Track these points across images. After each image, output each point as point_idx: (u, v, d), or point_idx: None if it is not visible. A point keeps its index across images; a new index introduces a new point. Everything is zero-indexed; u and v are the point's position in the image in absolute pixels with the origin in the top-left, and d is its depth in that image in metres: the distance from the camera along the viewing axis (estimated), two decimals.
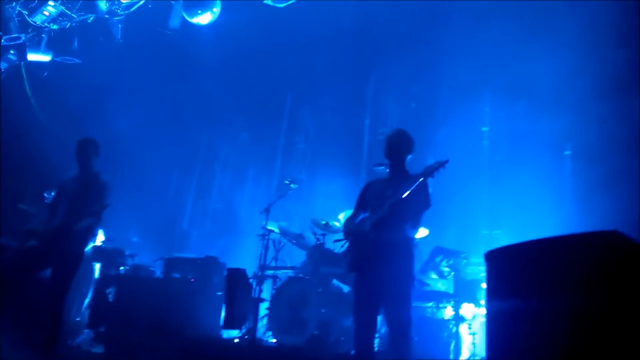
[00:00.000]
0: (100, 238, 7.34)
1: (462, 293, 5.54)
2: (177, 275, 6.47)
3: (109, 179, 4.96)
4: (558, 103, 7.09)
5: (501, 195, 7.16)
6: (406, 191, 3.76)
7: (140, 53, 8.25)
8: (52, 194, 6.14)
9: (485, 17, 7.39)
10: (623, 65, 6.49)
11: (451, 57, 7.63)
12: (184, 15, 6.74)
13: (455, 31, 7.63)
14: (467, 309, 5.50)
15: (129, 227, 8.39)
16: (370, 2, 7.44)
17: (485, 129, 8.36)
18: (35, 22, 7.59)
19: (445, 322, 5.44)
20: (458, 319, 5.39)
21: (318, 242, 6.29)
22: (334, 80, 9.16)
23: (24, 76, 8.46)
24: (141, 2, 7.22)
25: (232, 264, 6.48)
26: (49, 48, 7.93)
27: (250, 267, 6.64)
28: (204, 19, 6.67)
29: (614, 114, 6.58)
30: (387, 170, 4.30)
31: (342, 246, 5.96)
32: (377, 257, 3.84)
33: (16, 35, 7.67)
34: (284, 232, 6.77)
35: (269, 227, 6.65)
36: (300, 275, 6.31)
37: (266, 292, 6.43)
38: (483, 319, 5.31)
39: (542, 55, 7.00)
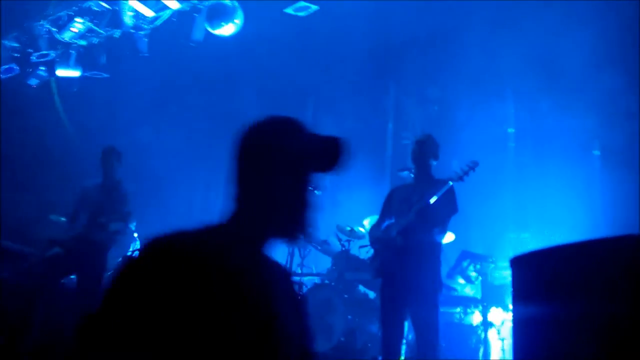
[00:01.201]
0: (135, 247, 7.48)
1: (490, 298, 5.47)
2: None
3: (133, 188, 5.06)
4: (585, 101, 6.96)
5: (528, 197, 7.06)
6: (433, 196, 3.75)
7: (165, 66, 8.41)
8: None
9: (506, 15, 7.32)
10: None
11: (473, 58, 7.57)
12: (207, 27, 6.85)
13: (476, 32, 7.57)
14: (495, 314, 5.43)
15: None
16: (390, 8, 7.43)
17: (510, 130, 8.26)
18: (64, 39, 7.81)
19: (473, 327, 5.38)
20: (486, 324, 5.32)
21: (343, 248, 6.30)
22: (355, 85, 9.18)
23: (55, 91, 8.71)
24: (166, 16, 7.37)
25: None
26: (78, 63, 8.15)
27: None
28: (226, 30, 6.76)
29: None
30: (412, 175, 4.29)
31: (367, 252, 5.99)
32: (404, 262, 3.84)
33: (46, 52, 7.91)
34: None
35: None
36: (326, 281, 6.33)
37: None
38: (511, 325, 5.23)
39: (567, 52, 6.89)
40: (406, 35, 8.18)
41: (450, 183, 3.79)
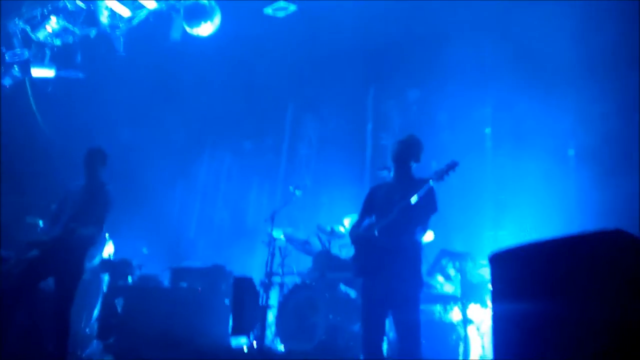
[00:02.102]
0: (110, 249, 7.40)
1: (469, 295, 5.54)
2: (185, 285, 6.51)
3: (116, 189, 4.99)
4: (561, 102, 7.10)
5: (505, 195, 7.17)
6: (415, 195, 3.77)
7: (142, 65, 8.32)
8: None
9: (485, 18, 7.42)
10: (624, 64, 6.50)
11: (451, 60, 7.65)
12: (185, 26, 6.79)
13: (455, 34, 7.67)
14: (475, 311, 5.50)
15: (138, 238, 8.44)
16: (370, 10, 7.48)
17: (487, 130, 8.37)
18: (39, 38, 7.67)
19: (453, 324, 5.44)
20: (466, 321, 5.38)
21: (324, 248, 6.32)
22: (335, 86, 9.21)
23: (29, 91, 8.54)
24: (143, 15, 7.28)
25: (239, 272, 6.51)
26: (53, 63, 8.00)
27: (257, 274, 6.66)
28: (204, 30, 6.72)
29: (616, 112, 6.59)
30: (391, 174, 4.31)
31: (348, 251, 6.01)
32: (385, 261, 3.85)
33: (20, 51, 7.75)
34: (289, 239, 6.80)
35: (275, 235, 6.67)
36: (307, 281, 6.33)
37: (273, 299, 6.45)
38: (491, 321, 5.30)
39: (545, 53, 7.03)
40: (386, 37, 8.24)
41: (431, 183, 3.82)
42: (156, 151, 9.48)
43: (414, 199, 3.76)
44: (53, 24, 7.50)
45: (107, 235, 7.35)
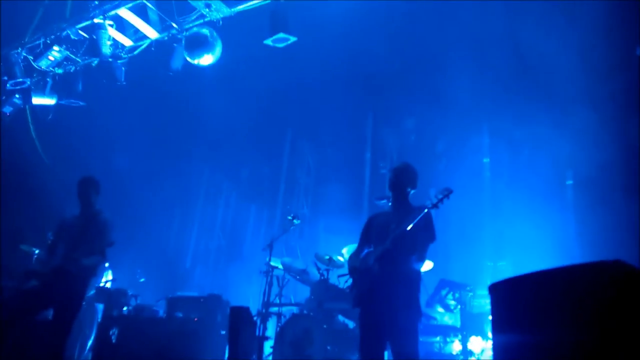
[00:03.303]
0: (108, 278, 7.34)
1: (469, 326, 5.47)
2: (180, 315, 6.41)
3: (111, 217, 4.95)
4: (558, 132, 7.15)
5: (504, 226, 7.15)
6: (410, 223, 3.75)
7: (142, 94, 8.40)
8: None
9: (482, 48, 7.53)
10: (621, 92, 6.56)
11: (449, 89, 7.74)
12: (186, 56, 6.88)
13: (452, 63, 7.76)
14: (475, 343, 5.42)
15: (134, 266, 8.37)
16: (368, 39, 7.60)
17: (486, 160, 8.41)
18: (41, 67, 7.75)
19: (453, 357, 5.35)
20: (466, 353, 5.30)
21: (322, 278, 6.25)
22: (334, 115, 9.28)
23: (29, 119, 8.59)
24: (144, 46, 7.38)
25: (236, 301, 6.43)
26: (54, 91, 8.08)
27: (254, 303, 6.58)
28: (205, 60, 6.80)
29: (613, 141, 6.62)
30: (390, 203, 4.31)
31: (346, 281, 5.95)
32: (382, 291, 3.80)
33: (21, 79, 7.82)
34: (287, 268, 6.74)
35: (273, 264, 6.62)
36: (305, 311, 6.25)
37: (270, 329, 6.35)
38: (491, 353, 5.22)
39: (541, 84, 7.10)
40: (384, 65, 8.35)
41: (426, 210, 3.81)
42: (154, 179, 9.49)
43: (409, 227, 3.74)
44: (55, 53, 7.59)
45: (106, 264, 7.29)
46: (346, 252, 6.31)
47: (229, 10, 6.68)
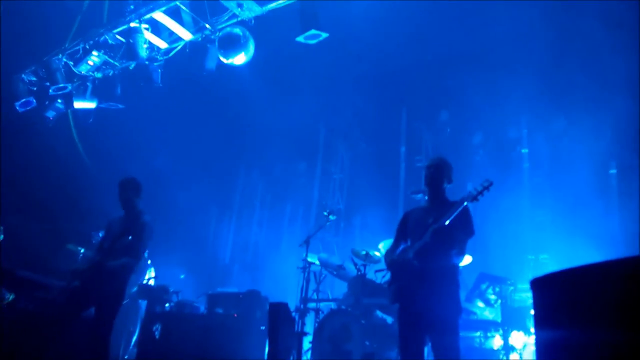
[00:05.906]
0: (150, 275, 7.54)
1: (510, 321, 5.37)
2: (221, 311, 6.53)
3: (153, 218, 5.07)
4: (598, 120, 6.93)
5: (545, 218, 6.98)
6: (449, 217, 3.71)
7: (178, 94, 8.57)
8: (100, 233, 6.36)
9: (518, 38, 7.35)
10: None
11: (484, 81, 7.59)
12: (220, 56, 6.97)
13: (487, 54, 7.62)
14: (516, 338, 5.32)
15: (175, 264, 8.57)
16: (402, 33, 7.52)
17: (524, 150, 8.22)
18: (81, 72, 8.01)
19: (494, 352, 5.27)
20: (508, 348, 5.21)
21: (359, 273, 6.24)
22: (367, 110, 9.24)
23: (71, 123, 8.89)
24: (179, 47, 7.53)
25: (274, 297, 6.50)
26: (94, 95, 8.34)
27: (292, 299, 6.63)
28: (238, 59, 6.87)
29: None
30: (426, 197, 4.27)
31: (383, 276, 5.93)
32: (421, 286, 3.77)
33: (63, 85, 8.10)
34: (324, 264, 6.76)
35: (309, 260, 6.65)
36: (343, 307, 6.26)
37: (309, 325, 6.40)
38: (534, 348, 5.12)
39: (580, 72, 6.89)
40: (418, 59, 8.25)
41: (465, 203, 3.75)
42: (191, 178, 9.67)
43: (447, 221, 3.70)
44: (94, 58, 7.82)
45: (149, 261, 7.50)
46: (383, 247, 6.28)
47: (260, 9, 6.72)
